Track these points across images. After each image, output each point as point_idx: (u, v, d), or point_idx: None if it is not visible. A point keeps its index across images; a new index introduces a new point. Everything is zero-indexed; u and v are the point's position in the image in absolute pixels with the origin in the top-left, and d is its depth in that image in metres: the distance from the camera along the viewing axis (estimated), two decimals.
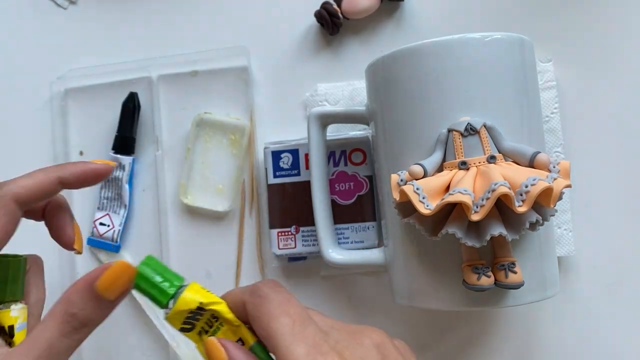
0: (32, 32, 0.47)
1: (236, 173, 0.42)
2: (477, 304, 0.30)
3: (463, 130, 0.29)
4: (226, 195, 0.43)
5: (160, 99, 0.44)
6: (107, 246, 0.44)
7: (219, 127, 0.43)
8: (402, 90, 0.31)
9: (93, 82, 0.45)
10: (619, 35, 0.40)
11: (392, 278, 0.34)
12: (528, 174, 0.27)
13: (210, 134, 0.43)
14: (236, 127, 0.42)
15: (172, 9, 0.45)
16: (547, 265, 0.31)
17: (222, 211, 0.42)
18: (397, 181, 0.30)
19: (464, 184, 0.27)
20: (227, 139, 0.42)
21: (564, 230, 0.39)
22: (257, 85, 0.43)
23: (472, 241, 0.28)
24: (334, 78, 0.42)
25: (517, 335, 0.40)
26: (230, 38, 0.44)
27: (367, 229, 0.39)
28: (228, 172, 0.43)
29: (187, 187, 0.43)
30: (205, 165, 0.43)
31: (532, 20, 0.41)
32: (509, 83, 0.30)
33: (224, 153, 0.43)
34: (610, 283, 0.39)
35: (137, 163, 0.44)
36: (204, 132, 0.43)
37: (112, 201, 0.44)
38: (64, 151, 0.45)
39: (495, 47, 0.30)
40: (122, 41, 0.45)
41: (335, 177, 0.39)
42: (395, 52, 0.32)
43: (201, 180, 0.43)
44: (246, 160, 0.42)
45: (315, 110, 0.37)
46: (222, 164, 0.43)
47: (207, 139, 0.43)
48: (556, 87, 0.40)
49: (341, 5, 0.41)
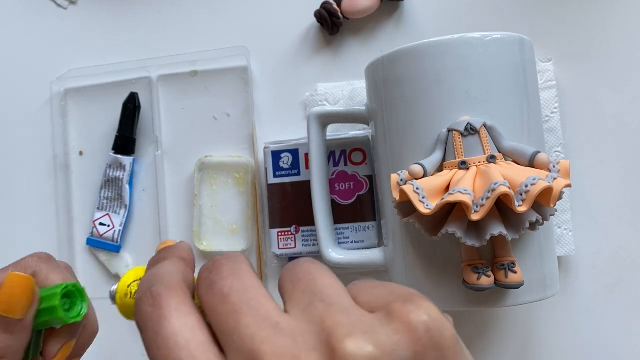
0: (32, 32, 0.47)
1: (247, 211, 0.42)
2: (477, 304, 0.30)
3: (463, 130, 0.29)
4: (241, 234, 0.42)
5: (160, 99, 0.44)
6: (108, 246, 0.44)
7: (222, 168, 0.42)
8: (402, 90, 0.31)
9: (93, 82, 0.45)
10: (619, 35, 0.40)
11: (392, 278, 0.34)
12: (528, 173, 0.27)
13: (215, 176, 0.42)
14: (239, 165, 0.42)
15: (172, 9, 0.45)
16: (547, 265, 0.31)
17: (241, 250, 0.42)
18: (397, 181, 0.30)
19: (464, 184, 0.27)
20: (232, 179, 0.42)
21: (564, 230, 0.39)
22: (257, 85, 0.43)
23: (472, 241, 0.28)
24: (334, 78, 0.42)
25: (517, 335, 0.40)
26: (230, 38, 0.44)
27: (367, 228, 0.39)
28: (239, 211, 0.42)
29: (200, 233, 0.42)
30: (215, 209, 0.42)
31: (532, 20, 0.41)
32: (509, 83, 0.30)
33: (231, 193, 0.42)
34: (610, 283, 0.39)
35: (136, 163, 0.44)
36: (207, 175, 0.42)
37: (112, 201, 0.44)
38: (63, 151, 0.45)
39: (495, 47, 0.30)
40: (122, 41, 0.45)
41: (335, 177, 0.39)
42: (395, 52, 0.32)
43: (213, 224, 0.42)
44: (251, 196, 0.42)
45: (315, 110, 0.37)
46: (232, 204, 0.42)
47: (212, 182, 0.42)
48: (556, 86, 0.40)
49: (341, 5, 0.41)
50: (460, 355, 0.18)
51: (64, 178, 0.45)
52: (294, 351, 0.16)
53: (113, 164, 0.44)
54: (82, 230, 0.45)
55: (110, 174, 0.44)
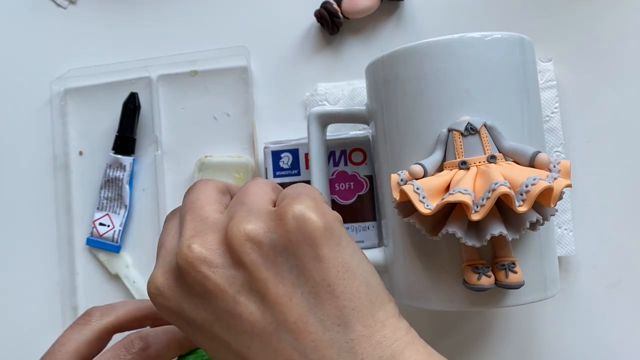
0: (31, 32, 0.47)
1: None
2: (477, 304, 0.30)
3: (463, 130, 0.29)
4: None
5: (160, 99, 0.44)
6: (108, 246, 0.44)
7: (222, 168, 0.42)
8: (402, 89, 0.31)
9: (93, 82, 0.45)
10: (619, 35, 0.40)
11: (392, 278, 0.34)
12: (528, 173, 0.27)
13: (215, 176, 0.42)
14: (239, 165, 0.42)
15: (172, 9, 0.45)
16: (547, 265, 0.31)
17: None
18: (397, 181, 0.30)
19: (464, 184, 0.27)
20: (232, 179, 0.42)
21: (564, 230, 0.39)
22: (257, 85, 0.43)
23: (472, 241, 0.28)
24: (334, 78, 0.42)
25: (517, 335, 0.40)
26: (230, 38, 0.44)
27: (367, 228, 0.39)
28: None
29: None
30: None
31: (532, 19, 0.41)
32: (509, 82, 0.30)
33: None
34: (610, 283, 0.39)
35: (136, 163, 0.44)
36: (207, 175, 0.42)
37: (112, 201, 0.44)
38: (63, 151, 0.45)
39: (496, 47, 0.30)
40: (121, 41, 0.45)
41: (335, 177, 0.39)
42: (395, 51, 0.32)
43: None
44: None
45: (315, 110, 0.37)
46: None
47: None
48: (556, 86, 0.40)
49: (341, 5, 0.41)
50: (331, 248, 0.24)
51: (64, 178, 0.45)
52: (204, 232, 0.25)
53: (113, 164, 0.44)
54: (82, 230, 0.45)
55: (110, 174, 0.44)
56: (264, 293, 0.23)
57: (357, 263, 0.24)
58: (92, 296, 0.44)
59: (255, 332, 0.23)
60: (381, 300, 0.24)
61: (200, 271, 0.24)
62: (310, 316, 0.23)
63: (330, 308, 0.23)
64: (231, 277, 0.24)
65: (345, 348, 0.23)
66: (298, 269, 0.23)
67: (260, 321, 0.23)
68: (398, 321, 0.24)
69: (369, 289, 0.24)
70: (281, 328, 0.23)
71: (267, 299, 0.23)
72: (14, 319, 0.44)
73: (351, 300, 0.23)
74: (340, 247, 0.24)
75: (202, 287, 0.24)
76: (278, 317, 0.23)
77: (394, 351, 0.23)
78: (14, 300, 0.44)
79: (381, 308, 0.24)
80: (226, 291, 0.23)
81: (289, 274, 0.23)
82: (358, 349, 0.23)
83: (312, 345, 0.23)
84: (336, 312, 0.23)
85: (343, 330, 0.23)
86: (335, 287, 0.23)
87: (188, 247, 0.24)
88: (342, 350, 0.23)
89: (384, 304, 0.24)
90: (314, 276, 0.23)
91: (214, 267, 0.24)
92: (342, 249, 0.24)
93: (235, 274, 0.24)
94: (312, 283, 0.23)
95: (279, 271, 0.23)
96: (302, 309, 0.23)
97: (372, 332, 0.23)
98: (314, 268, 0.23)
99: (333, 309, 0.23)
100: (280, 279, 0.23)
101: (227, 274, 0.24)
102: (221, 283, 0.23)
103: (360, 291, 0.24)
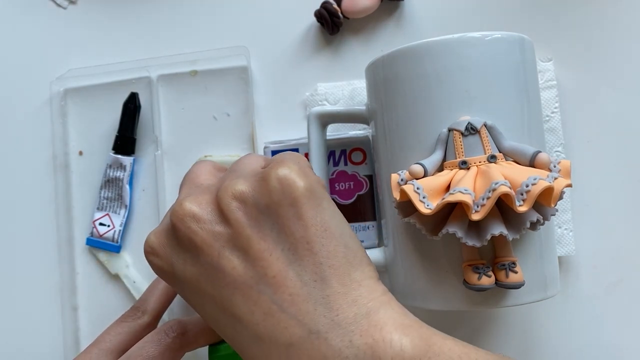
0: (31, 32, 0.47)
1: None
2: (477, 304, 0.30)
3: (463, 130, 0.29)
4: None
5: (160, 99, 0.44)
6: (108, 246, 0.43)
7: None
8: (402, 89, 0.31)
9: (92, 82, 0.45)
10: (619, 35, 0.40)
11: (392, 278, 0.34)
12: (529, 173, 0.27)
13: None
14: None
15: (172, 9, 0.45)
16: (547, 265, 0.31)
17: None
18: (397, 181, 0.30)
19: (464, 184, 0.27)
20: None
21: (565, 230, 0.39)
22: (257, 85, 0.43)
23: (473, 241, 0.28)
24: (334, 78, 0.42)
25: (517, 335, 0.40)
26: (230, 38, 0.44)
27: (367, 228, 0.39)
28: None
29: None
30: None
31: (532, 19, 0.41)
32: (509, 82, 0.30)
33: None
34: (610, 283, 0.39)
35: (136, 163, 0.44)
36: None
37: (112, 201, 0.44)
38: (63, 151, 0.45)
39: (496, 47, 0.30)
40: (121, 41, 0.45)
41: (335, 176, 0.39)
42: (396, 51, 0.32)
43: None
44: None
45: (315, 110, 0.37)
46: None
47: None
48: (556, 86, 0.40)
49: (341, 5, 0.41)
50: (311, 208, 0.25)
51: (64, 178, 0.45)
52: (196, 193, 0.27)
53: (113, 164, 0.43)
54: (82, 230, 0.45)
55: (110, 174, 0.44)
56: (246, 249, 0.25)
57: (336, 224, 0.26)
58: (92, 296, 0.43)
59: (237, 286, 0.24)
60: (359, 262, 0.26)
61: (189, 226, 0.26)
62: (289, 271, 0.24)
63: (308, 264, 0.24)
64: (217, 233, 0.25)
65: (321, 302, 0.24)
66: (279, 227, 0.25)
67: (242, 275, 0.24)
68: (375, 283, 0.26)
69: (347, 249, 0.25)
70: (261, 282, 0.24)
71: (249, 254, 0.25)
72: (14, 319, 0.44)
73: (328, 258, 0.25)
74: (320, 208, 0.26)
75: (190, 241, 0.26)
76: (259, 272, 0.24)
77: (369, 309, 0.24)
78: (14, 300, 0.44)
79: (358, 269, 0.25)
80: (212, 246, 0.25)
81: (271, 231, 0.25)
82: (334, 305, 0.24)
83: (290, 298, 0.24)
84: (314, 268, 0.24)
85: (320, 286, 0.24)
86: (314, 244, 0.25)
87: (180, 205, 0.26)
88: (318, 304, 0.24)
89: (362, 265, 0.26)
90: (293, 234, 0.25)
91: (202, 222, 0.26)
92: (322, 210, 0.26)
93: (221, 230, 0.25)
94: (292, 240, 0.25)
95: (261, 228, 0.25)
96: (282, 264, 0.24)
97: (348, 290, 0.24)
98: (293, 226, 0.25)
99: (311, 265, 0.24)
100: (262, 235, 0.25)
101: (213, 230, 0.25)
102: (207, 238, 0.25)
103: (337, 251, 0.25)
